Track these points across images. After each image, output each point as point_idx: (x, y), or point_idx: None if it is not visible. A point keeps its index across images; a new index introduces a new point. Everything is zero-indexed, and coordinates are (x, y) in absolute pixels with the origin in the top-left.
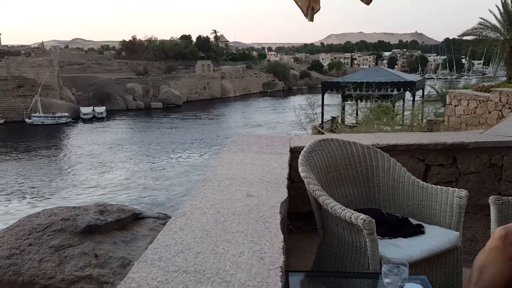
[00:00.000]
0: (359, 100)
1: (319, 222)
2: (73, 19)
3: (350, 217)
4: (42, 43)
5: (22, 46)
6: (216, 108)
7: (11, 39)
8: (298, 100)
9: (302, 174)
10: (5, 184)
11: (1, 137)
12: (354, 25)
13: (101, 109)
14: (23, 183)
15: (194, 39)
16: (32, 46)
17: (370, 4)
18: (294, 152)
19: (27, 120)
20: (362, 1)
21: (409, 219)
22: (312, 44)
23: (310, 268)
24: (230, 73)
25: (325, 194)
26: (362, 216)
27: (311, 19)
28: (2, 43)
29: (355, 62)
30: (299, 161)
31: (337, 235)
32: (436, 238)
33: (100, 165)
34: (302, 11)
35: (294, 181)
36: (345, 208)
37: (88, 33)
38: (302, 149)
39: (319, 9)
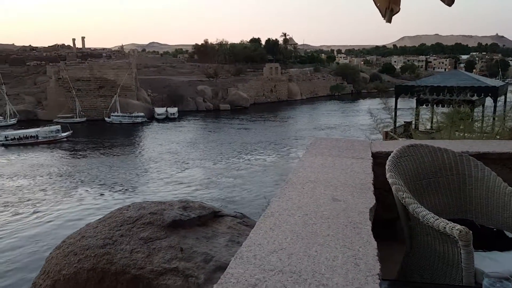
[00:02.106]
0: (435, 106)
1: (406, 231)
2: (150, 24)
3: (445, 227)
4: (122, 47)
5: (104, 49)
6: (283, 111)
7: (94, 42)
8: (368, 104)
9: (390, 180)
10: (94, 178)
11: (85, 134)
12: (429, 27)
13: (173, 110)
14: (109, 177)
15: (263, 42)
16: (112, 49)
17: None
18: (376, 158)
19: (106, 119)
20: (444, 2)
21: (505, 232)
22: (384, 46)
23: (394, 277)
24: (297, 76)
25: (416, 202)
26: (458, 226)
27: (389, 21)
28: (86, 46)
29: (430, 65)
30: (386, 167)
31: (427, 245)
32: None
33: (178, 163)
34: (380, 12)
35: (375, 187)
36: (438, 217)
37: (163, 37)
38: (385, 155)
39: (399, 11)
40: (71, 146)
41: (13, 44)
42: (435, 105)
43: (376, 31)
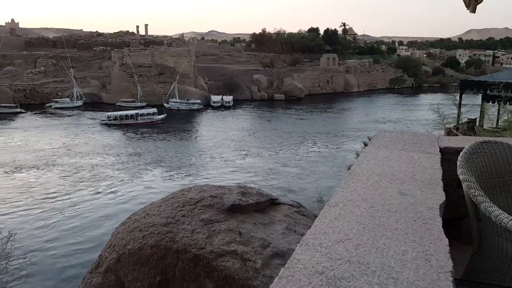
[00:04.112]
0: (504, 103)
1: (475, 230)
2: (210, 13)
3: None
4: (182, 35)
5: (165, 36)
6: (339, 103)
7: (156, 30)
8: (429, 99)
9: (461, 177)
10: (158, 160)
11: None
12: (498, 20)
13: (228, 98)
14: (171, 160)
15: (321, 32)
16: (173, 37)
17: None
18: (444, 153)
19: (165, 104)
20: None
21: None
22: (448, 39)
23: (459, 277)
24: (355, 67)
25: (489, 201)
26: None
27: (473, 11)
28: (149, 33)
29: (497, 60)
30: (458, 163)
31: (497, 246)
32: None
33: (237, 150)
34: (464, 2)
35: None
36: None
37: (222, 26)
38: (454, 151)
39: (482, 0)
40: (162, 129)
41: (81, 29)
42: (505, 103)
43: (440, 23)
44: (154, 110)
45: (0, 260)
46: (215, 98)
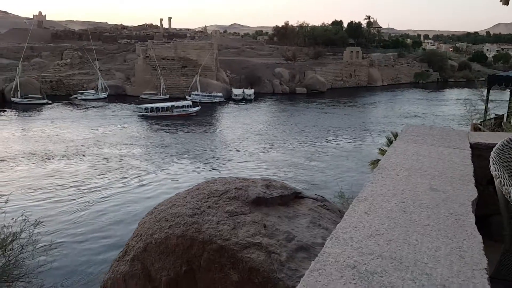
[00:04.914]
0: None
1: (508, 228)
2: (233, 6)
3: None
4: (205, 28)
5: (188, 29)
6: (362, 97)
7: (179, 23)
8: (455, 94)
9: (494, 173)
10: (183, 151)
11: None
12: None
13: (250, 92)
14: (196, 151)
15: (345, 25)
16: (196, 30)
17: None
18: (475, 149)
19: (187, 97)
20: None
21: None
22: (476, 33)
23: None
24: (379, 61)
25: None
26: None
27: (506, 3)
28: (172, 26)
29: None
30: (490, 159)
31: None
32: None
33: (261, 143)
34: None
35: None
36: None
37: (245, 19)
38: (485, 146)
39: None
40: (192, 122)
41: (106, 22)
42: None
43: (468, 17)
44: (189, 102)
45: (27, 246)
46: (237, 91)
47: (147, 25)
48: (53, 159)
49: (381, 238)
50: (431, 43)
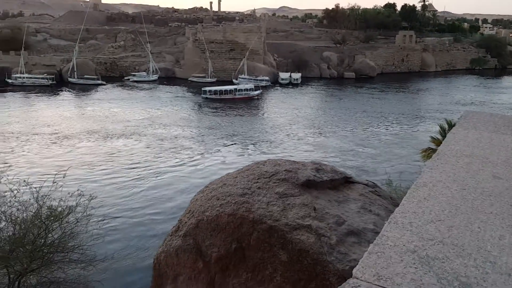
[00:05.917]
0: None
1: None
2: None
3: None
4: (254, 11)
5: (237, 12)
6: (414, 83)
7: (229, 6)
8: None
9: None
10: (233, 133)
11: None
12: None
13: (297, 76)
14: (246, 134)
15: (399, 7)
16: (245, 13)
17: None
18: None
19: (234, 80)
20: None
21: None
22: None
23: None
24: (433, 46)
25: None
26: None
27: None
28: (222, 9)
29: None
30: None
31: None
32: None
33: (311, 127)
34: None
35: None
36: None
37: (294, 2)
38: None
39: None
40: (249, 104)
41: (158, 5)
42: None
43: None
44: (251, 86)
45: (82, 219)
46: (283, 75)
47: (197, 8)
48: (111, 137)
49: (442, 224)
50: (489, 27)
